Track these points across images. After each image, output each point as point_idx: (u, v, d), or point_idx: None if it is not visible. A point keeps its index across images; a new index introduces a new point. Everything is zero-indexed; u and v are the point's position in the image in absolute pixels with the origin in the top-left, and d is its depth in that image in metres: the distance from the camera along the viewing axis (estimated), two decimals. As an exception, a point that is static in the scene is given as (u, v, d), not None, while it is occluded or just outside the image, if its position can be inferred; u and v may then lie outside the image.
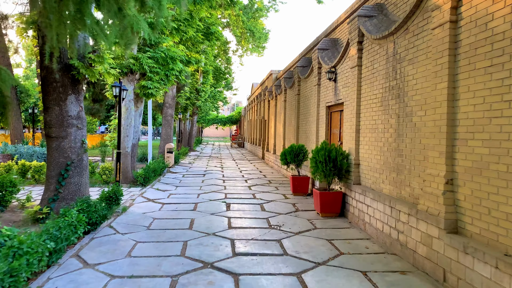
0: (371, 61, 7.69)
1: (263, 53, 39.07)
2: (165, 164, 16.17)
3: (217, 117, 55.01)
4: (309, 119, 12.57)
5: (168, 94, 18.50)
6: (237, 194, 11.21)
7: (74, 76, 7.52)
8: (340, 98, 9.54)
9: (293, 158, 11.16)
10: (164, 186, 12.52)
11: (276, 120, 19.59)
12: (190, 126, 31.48)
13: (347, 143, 8.76)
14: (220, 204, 9.68)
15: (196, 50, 18.04)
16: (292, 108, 15.46)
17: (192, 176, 15.52)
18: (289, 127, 16.07)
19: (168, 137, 18.58)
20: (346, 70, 9.14)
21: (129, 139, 12.51)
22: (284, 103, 17.02)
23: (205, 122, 51.86)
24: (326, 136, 10.77)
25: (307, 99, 13.01)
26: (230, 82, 47.00)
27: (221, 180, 14.45)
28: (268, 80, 24.04)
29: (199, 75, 30.24)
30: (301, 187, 11.17)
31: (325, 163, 8.27)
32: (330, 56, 10.87)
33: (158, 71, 12.55)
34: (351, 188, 8.19)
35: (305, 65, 13.98)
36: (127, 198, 10.15)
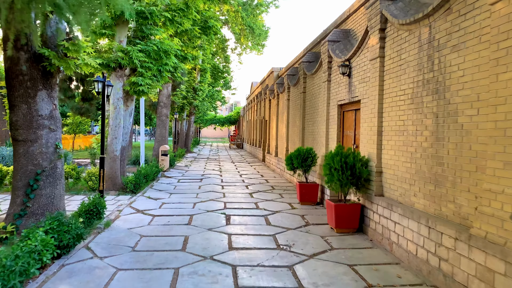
0: (397, 51, 6.52)
1: (262, 52, 37.94)
2: (159, 168, 14.96)
3: (215, 117, 53.78)
4: (317, 119, 11.39)
5: (162, 93, 17.30)
6: (238, 204, 10.02)
7: (45, 68, 6.31)
8: (355, 95, 8.36)
9: (301, 163, 9.98)
10: (156, 194, 11.31)
11: (278, 120, 18.40)
12: (187, 127, 30.27)
13: (366, 147, 7.58)
14: (219, 217, 8.48)
15: (193, 46, 16.85)
16: (296, 108, 14.28)
17: (188, 181, 14.32)
18: (293, 128, 14.89)
19: (163, 138, 17.38)
20: (363, 63, 7.96)
21: (117, 142, 11.31)
22: (287, 102, 15.84)
23: (202, 122, 50.63)
24: (338, 138, 9.59)
25: (314, 97, 11.83)
26: (229, 82, 45.81)
27: (219, 186, 13.25)
28: (269, 78, 22.86)
29: (196, 74, 29.04)
30: (309, 196, 9.99)
31: (342, 170, 7.09)
32: (342, 48, 9.69)
33: (150, 66, 11.34)
34: (372, 200, 7.01)
35: (311, 60, 12.81)
36: (113, 209, 8.94)
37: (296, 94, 14.46)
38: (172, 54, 11.81)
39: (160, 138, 17.30)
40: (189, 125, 30.09)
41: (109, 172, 11.30)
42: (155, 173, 14.18)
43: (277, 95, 18.62)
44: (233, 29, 35.14)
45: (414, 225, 5.55)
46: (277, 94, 18.63)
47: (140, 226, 7.53)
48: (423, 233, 5.29)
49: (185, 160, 23.87)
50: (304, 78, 12.99)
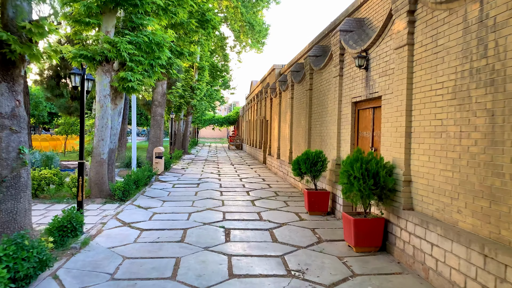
0: (432, 36, 5.40)
1: (262, 50, 36.90)
2: (152, 172, 13.82)
3: (214, 117, 52.63)
4: (326, 119, 10.27)
5: (157, 91, 16.16)
6: (238, 214, 8.89)
7: (5, 56, 5.17)
8: (375, 90, 7.24)
9: (309, 168, 8.85)
10: (148, 202, 10.17)
11: (281, 120, 17.27)
12: (185, 127, 29.12)
13: (389, 151, 6.47)
14: (217, 231, 7.34)
15: (190, 40, 15.72)
16: (301, 106, 13.16)
17: (184, 186, 13.18)
18: (297, 129, 13.76)
19: (157, 139, 16.24)
20: (385, 53, 6.84)
21: (105, 144, 10.17)
22: (291, 101, 14.72)
23: (201, 122, 49.49)
24: (352, 140, 8.47)
25: (323, 94, 10.71)
26: (228, 81, 44.69)
27: (218, 191, 12.11)
28: (270, 76, 21.74)
29: (194, 72, 27.90)
30: (319, 205, 8.86)
31: (363, 179, 5.97)
32: (357, 39, 8.57)
33: (141, 59, 10.20)
34: (400, 215, 5.89)
35: (319, 54, 11.68)
36: (96, 221, 7.80)
37: (301, 92, 13.34)
38: (166, 47, 10.66)
39: (154, 139, 16.16)
40: (187, 125, 28.94)
41: (95, 178, 10.16)
42: (148, 178, 13.04)
43: (279, 94, 17.49)
44: (232, 26, 34.05)
45: (461, 250, 4.43)
46: (279, 92, 17.50)
47: (124, 244, 6.39)
48: (476, 262, 4.17)
49: (182, 162, 22.72)
50: (310, 74, 11.87)
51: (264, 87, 22.50)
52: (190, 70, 27.60)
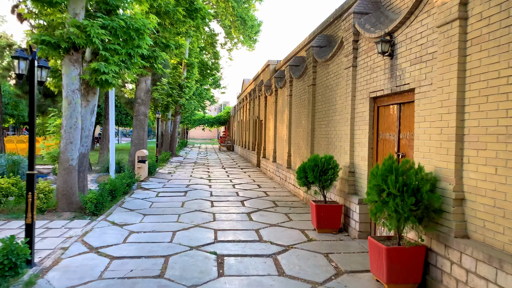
0: (501, 4, 3.97)
1: (254, 47, 35.50)
2: (133, 178, 12.24)
3: (204, 117, 50.98)
4: (335, 118, 8.82)
5: (140, 87, 14.57)
6: (233, 232, 7.38)
7: None
8: (404, 82, 5.80)
9: (318, 177, 7.38)
10: (125, 216, 8.61)
11: (277, 120, 15.80)
12: (172, 127, 27.48)
13: (428, 159, 5.04)
14: (207, 260, 5.82)
15: (177, 31, 14.17)
16: (302, 104, 11.70)
17: (169, 194, 11.61)
18: (297, 129, 12.30)
19: (141, 141, 14.65)
20: (421, 33, 5.40)
21: (74, 147, 8.58)
22: (289, 98, 13.25)
23: (190, 122, 47.80)
24: (370, 143, 7.02)
25: (329, 89, 9.26)
26: (218, 79, 43.12)
27: (208, 201, 10.58)
28: (264, 72, 20.28)
29: (182, 69, 26.30)
30: (329, 221, 7.40)
31: (401, 196, 4.52)
32: (375, 22, 7.14)
33: (117, 48, 8.63)
34: (450, 244, 4.45)
35: (323, 45, 10.24)
36: (56, 246, 6.24)
37: (301, 88, 11.88)
38: (147, 33, 9.10)
39: (137, 141, 14.57)
40: (175, 125, 27.30)
41: (62, 188, 8.58)
42: (128, 186, 11.46)
43: (275, 91, 16.03)
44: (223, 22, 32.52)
45: None
46: (275, 89, 16.04)
47: (85, 283, 4.84)
48: None
49: (169, 165, 21.11)
50: (313, 67, 10.41)
51: (257, 85, 21.02)
52: (178, 67, 26.01)
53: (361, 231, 7.03)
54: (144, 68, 14.28)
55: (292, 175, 12.24)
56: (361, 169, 7.28)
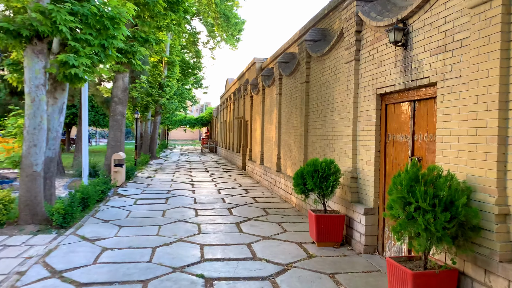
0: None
1: (237, 46, 34.63)
2: (109, 184, 11.17)
3: (185, 118, 49.72)
4: (332, 118, 8.02)
5: (117, 85, 13.47)
6: (222, 248, 6.46)
7: None
8: (422, 75, 5.02)
9: (318, 184, 6.54)
10: (98, 229, 7.58)
11: (265, 120, 14.95)
12: (152, 128, 26.29)
13: (458, 165, 4.26)
14: (193, 286, 4.89)
15: (157, 25, 13.15)
16: (293, 103, 10.87)
17: (149, 202, 10.60)
18: (287, 130, 11.47)
19: (118, 143, 13.55)
20: (445, 18, 4.62)
21: (38, 151, 7.50)
22: (279, 97, 12.42)
23: (171, 123, 46.47)
24: (377, 146, 6.23)
25: (326, 86, 8.45)
26: (200, 79, 42.04)
27: (192, 209, 9.63)
28: (250, 71, 19.41)
29: (163, 67, 25.18)
30: (330, 233, 6.57)
31: (433, 211, 3.71)
32: (381, 10, 6.38)
33: (89, 39, 7.61)
34: (493, 269, 3.67)
35: (317, 39, 9.44)
36: (10, 270, 5.21)
37: (292, 86, 11.06)
38: (123, 23, 8.10)
39: (114, 143, 13.46)
40: (155, 126, 26.11)
41: (25, 197, 7.49)
42: (103, 192, 10.39)
43: (262, 90, 15.17)
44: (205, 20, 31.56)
45: None
46: (262, 88, 15.18)
47: (40, 323, 3.85)
48: None
49: (148, 168, 19.98)
50: (307, 62, 9.60)
51: (242, 84, 20.12)
52: (159, 65, 24.88)
53: (367, 245, 6.23)
54: (121, 64, 13.22)
55: (283, 180, 11.40)
56: (366, 174, 6.49)
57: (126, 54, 12.97)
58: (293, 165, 10.80)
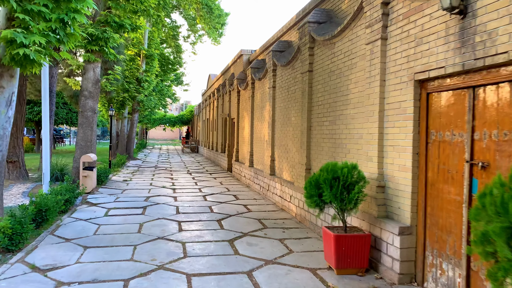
0: None
1: (220, 41, 33.06)
2: (76, 191, 9.50)
3: (165, 116, 47.75)
4: (346, 112, 6.64)
5: (87, 77, 11.77)
6: (216, 280, 4.97)
7: None
8: (497, 51, 3.67)
9: (339, 196, 5.13)
10: (56, 251, 5.98)
11: (254, 117, 13.51)
12: (129, 127, 24.46)
13: None
14: None
15: (133, 9, 11.51)
16: (292, 97, 9.47)
17: (123, 212, 9.00)
18: (284, 128, 10.06)
19: (88, 143, 11.84)
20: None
21: (-24, 154, 5.84)
22: (272, 91, 10.99)
23: (150, 122, 44.47)
24: (416, 146, 4.88)
25: (337, 75, 7.06)
26: (180, 76, 40.23)
27: (174, 222, 8.10)
28: (236, 64, 17.92)
29: (140, 61, 23.41)
30: (353, 257, 5.18)
31: None
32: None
33: (44, 11, 6.00)
34: None
35: (322, 20, 8.06)
36: None
37: (290, 77, 9.65)
38: (88, -6, 6.49)
39: (83, 142, 11.76)
40: (132, 125, 24.28)
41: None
42: (67, 202, 8.74)
43: (252, 84, 13.72)
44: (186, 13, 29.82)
45: None
46: (251, 82, 13.72)
47: None
48: None
49: (125, 170, 18.24)
50: (310, 48, 8.20)
51: (228, 79, 18.61)
52: (136, 59, 23.11)
53: (402, 274, 4.87)
54: (92, 53, 11.56)
55: (278, 184, 9.98)
56: (398, 183, 5.13)
57: (97, 41, 11.31)
58: (291, 168, 9.40)
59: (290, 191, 9.05)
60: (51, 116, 17.09)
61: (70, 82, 11.73)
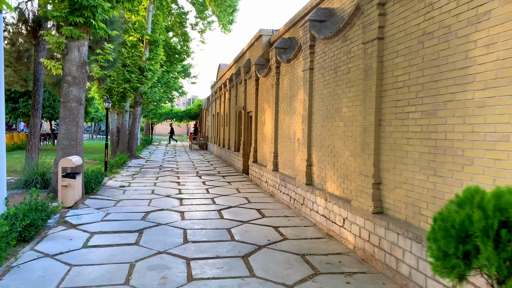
0: None
1: (230, 29, 30.47)
2: (47, 209, 6.98)
3: (172, 110, 45.26)
4: (462, 98, 4.01)
5: (71, 58, 9.23)
6: None
7: None
8: None
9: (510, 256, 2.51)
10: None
11: (280, 110, 10.90)
12: (132, 122, 21.97)
13: None
14: None
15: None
16: (341, 81, 6.83)
17: (109, 241, 6.47)
18: (328, 124, 7.45)
19: (72, 142, 9.33)
20: None
21: None
22: (309, 75, 8.37)
23: (156, 117, 42.02)
24: None
25: (440, 37, 4.40)
26: (188, 68, 37.66)
27: (180, 259, 5.55)
28: (253, 48, 15.29)
29: (143, 47, 20.89)
30: None
31: None
32: None
33: None
34: None
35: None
36: None
37: (340, 53, 7.01)
38: None
39: (66, 141, 9.26)
40: (134, 119, 21.77)
41: None
42: (31, 227, 6.22)
43: (276, 69, 11.10)
44: (194, -3, 27.28)
45: None
46: (276, 66, 11.10)
47: None
48: None
49: (124, 172, 15.76)
50: (380, 5, 5.55)
51: (243, 66, 15.99)
52: (139, 46, 20.57)
53: None
54: (76, 27, 9.02)
55: (321, 199, 7.39)
56: None
57: (82, 11, 8.79)
58: (342, 178, 6.81)
59: (343, 212, 6.46)
60: (38, 108, 14.70)
61: (49, 65, 9.20)
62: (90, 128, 55.83)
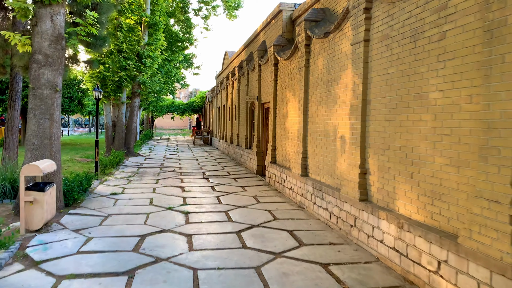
0: None
1: (236, 15, 28.13)
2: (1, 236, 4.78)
3: (173, 103, 42.93)
4: None
5: (41, 31, 6.98)
6: None
7: None
8: None
9: None
10: None
11: (311, 99, 8.63)
12: (129, 115, 19.72)
13: None
14: None
15: None
16: (428, 52, 4.56)
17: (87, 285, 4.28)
18: (397, 116, 5.20)
19: (45, 140, 7.12)
20: None
21: None
22: (363, 49, 6.11)
23: (156, 110, 39.74)
24: None
25: None
26: (190, 58, 35.33)
27: None
28: (269, 28, 13.00)
29: (142, 32, 18.59)
30: None
31: None
32: None
33: None
34: None
35: None
36: None
37: (426, 13, 4.74)
38: None
39: (37, 140, 7.06)
40: (132, 112, 19.52)
41: None
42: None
43: (306, 47, 8.83)
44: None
45: None
46: (305, 45, 8.82)
47: None
48: None
49: (119, 173, 13.55)
50: None
51: (257, 49, 13.70)
52: (136, 29, 18.27)
53: None
54: (46, -13, 6.75)
55: (386, 223, 5.17)
56: None
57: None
58: (429, 197, 4.58)
59: (435, 250, 4.23)
60: (16, 98, 12.47)
61: (14, 39, 6.93)
62: (88, 122, 53.65)
